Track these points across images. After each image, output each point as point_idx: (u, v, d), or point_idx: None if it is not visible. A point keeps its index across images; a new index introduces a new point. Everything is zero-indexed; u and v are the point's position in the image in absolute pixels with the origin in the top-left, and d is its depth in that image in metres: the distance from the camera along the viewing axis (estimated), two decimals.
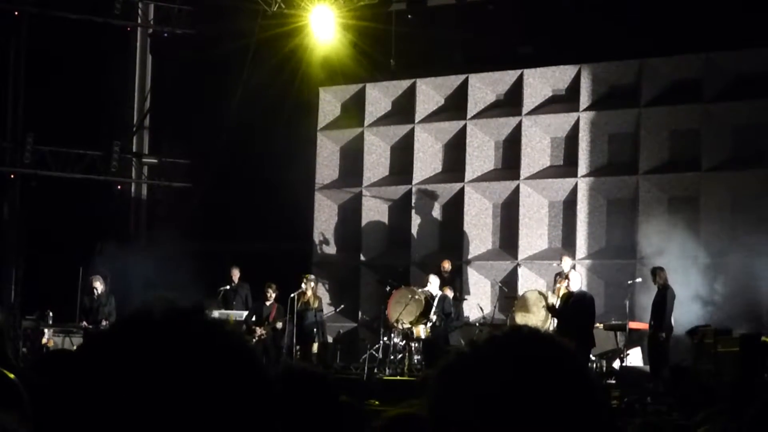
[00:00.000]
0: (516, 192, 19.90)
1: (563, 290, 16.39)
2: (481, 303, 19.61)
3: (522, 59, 20.06)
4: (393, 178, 21.41)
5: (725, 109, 18.29)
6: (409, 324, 17.55)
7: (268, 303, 18.30)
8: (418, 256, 20.68)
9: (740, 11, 17.55)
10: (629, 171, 18.98)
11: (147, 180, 23.96)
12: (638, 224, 18.31)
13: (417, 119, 21.03)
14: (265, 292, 18.30)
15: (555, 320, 16.63)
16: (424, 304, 17.75)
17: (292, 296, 17.82)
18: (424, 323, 17.48)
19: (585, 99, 19.49)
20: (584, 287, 17.06)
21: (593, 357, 16.40)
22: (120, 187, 23.69)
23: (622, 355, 16.53)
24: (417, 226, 20.91)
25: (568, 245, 19.29)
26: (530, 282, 19.28)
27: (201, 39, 22.63)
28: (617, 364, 16.62)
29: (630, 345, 16.89)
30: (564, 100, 19.89)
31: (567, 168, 19.70)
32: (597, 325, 16.60)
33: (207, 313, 1.40)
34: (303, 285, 18.07)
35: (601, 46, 19.00)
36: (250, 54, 21.38)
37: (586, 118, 19.45)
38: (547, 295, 17.12)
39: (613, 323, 17.11)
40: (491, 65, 20.29)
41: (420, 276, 19.49)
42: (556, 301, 16.52)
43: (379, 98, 21.66)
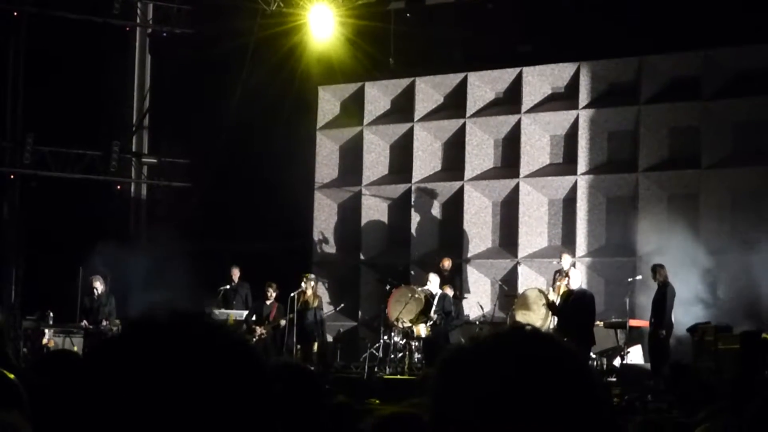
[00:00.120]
0: (515, 190, 19.90)
1: (563, 288, 16.40)
2: (481, 301, 19.61)
3: (521, 57, 20.05)
4: (392, 177, 21.40)
5: (725, 106, 18.28)
6: (410, 323, 17.55)
7: (269, 302, 18.30)
8: (418, 255, 20.67)
9: (739, 8, 17.54)
10: (629, 168, 18.97)
11: (146, 180, 23.96)
12: (638, 222, 18.29)
13: (416, 118, 21.02)
14: (266, 292, 18.30)
15: (555, 318, 16.63)
16: (424, 303, 17.74)
17: (292, 295, 17.82)
18: (425, 322, 17.47)
19: (584, 97, 19.49)
20: (584, 285, 17.06)
21: (593, 355, 16.40)
22: (119, 187, 23.68)
23: (623, 353, 16.53)
24: (417, 225, 20.91)
25: (568, 243, 19.28)
26: (530, 280, 19.28)
27: (200, 38, 22.62)
28: (618, 362, 16.61)
29: (630, 343, 16.89)
30: (563, 98, 19.88)
31: (566, 166, 19.69)
32: (597, 323, 16.60)
33: (210, 317, 1.44)
34: (303, 284, 18.06)
35: (601, 44, 18.99)
36: (249, 53, 21.36)
37: (586, 116, 19.44)
38: (547, 293, 17.12)
39: (614, 321, 17.10)
40: (490, 63, 20.28)
41: (420, 275, 19.49)
42: (556, 299, 16.52)
43: (379, 97, 21.65)
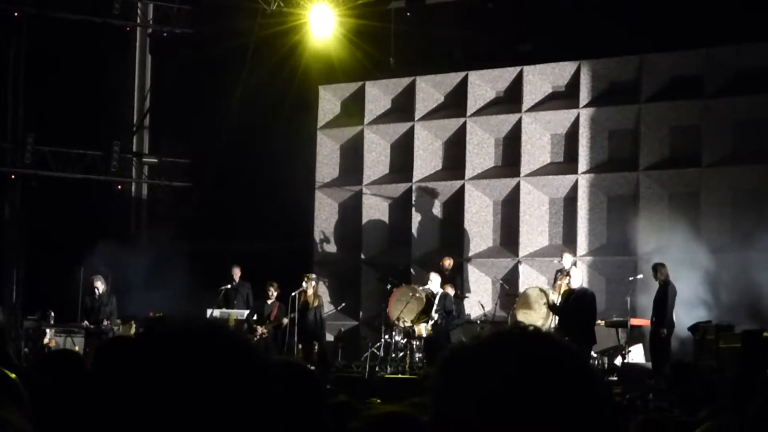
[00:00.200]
0: (516, 189, 19.89)
1: (564, 287, 16.39)
2: (482, 300, 19.60)
3: (521, 56, 20.04)
4: (393, 176, 21.40)
5: (725, 105, 18.27)
6: (411, 322, 17.54)
7: (270, 301, 18.31)
8: (419, 254, 20.67)
9: (740, 7, 17.53)
10: (629, 167, 18.96)
11: (147, 180, 23.96)
12: (639, 220, 18.28)
13: (417, 117, 21.02)
14: (267, 291, 18.30)
15: (556, 317, 16.62)
16: (425, 302, 17.74)
17: (293, 295, 17.83)
18: (426, 321, 17.47)
19: (585, 95, 19.48)
20: (585, 284, 17.04)
21: (594, 354, 16.39)
22: (120, 187, 23.69)
23: (624, 352, 16.51)
24: (417, 224, 20.90)
25: (569, 242, 19.28)
26: (531, 279, 19.27)
27: (200, 38, 22.62)
28: (619, 361, 16.60)
29: (631, 342, 16.87)
30: (564, 97, 19.87)
31: (567, 165, 19.68)
32: (598, 322, 16.59)
33: (212, 319, 1.53)
34: (304, 284, 18.06)
35: (601, 43, 18.98)
36: (250, 53, 21.36)
37: (586, 115, 19.44)
38: (549, 292, 17.11)
39: (615, 320, 17.08)
40: (491, 62, 20.28)
41: (421, 274, 19.49)
42: (557, 298, 16.51)
43: (379, 96, 21.65)
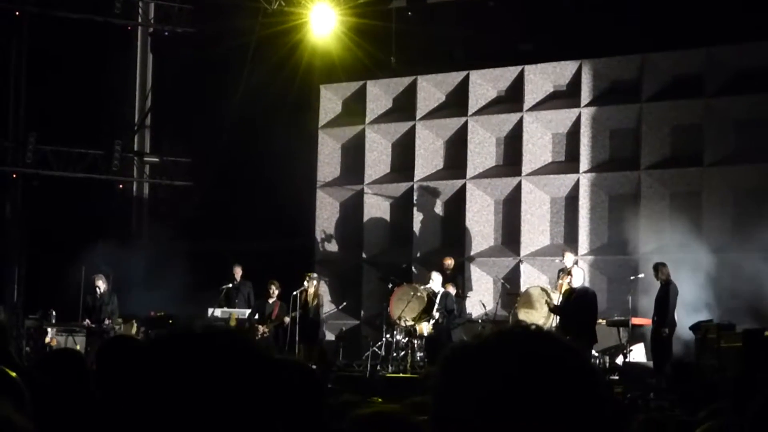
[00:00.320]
0: (518, 188, 19.89)
1: (565, 286, 16.38)
2: (484, 300, 19.60)
3: (523, 55, 20.03)
4: (394, 176, 21.40)
5: (727, 104, 18.26)
6: (412, 321, 17.54)
7: (271, 300, 18.31)
8: (420, 254, 20.67)
9: (741, 6, 17.53)
10: (631, 166, 18.95)
11: (148, 179, 23.97)
12: (640, 220, 18.28)
13: (418, 116, 21.01)
14: (268, 289, 18.31)
15: (557, 316, 16.61)
16: (427, 302, 17.74)
17: (295, 294, 17.84)
18: (427, 320, 17.47)
19: (586, 95, 19.47)
20: (587, 283, 17.03)
21: (596, 353, 16.37)
22: (121, 186, 23.70)
23: (625, 351, 16.51)
24: (419, 223, 20.90)
25: (570, 241, 19.27)
26: (533, 278, 19.27)
27: (201, 37, 22.62)
28: (620, 360, 16.59)
29: (633, 341, 16.86)
30: (565, 96, 19.86)
31: (568, 164, 19.67)
32: (599, 321, 16.58)
33: (234, 330, 1.63)
34: (305, 283, 18.07)
35: (602, 42, 18.98)
36: (251, 52, 21.36)
37: (588, 114, 19.43)
38: (550, 291, 17.10)
39: (616, 319, 17.07)
40: (492, 62, 20.27)
41: (422, 273, 19.49)
42: (558, 297, 16.50)
43: (380, 95, 21.65)
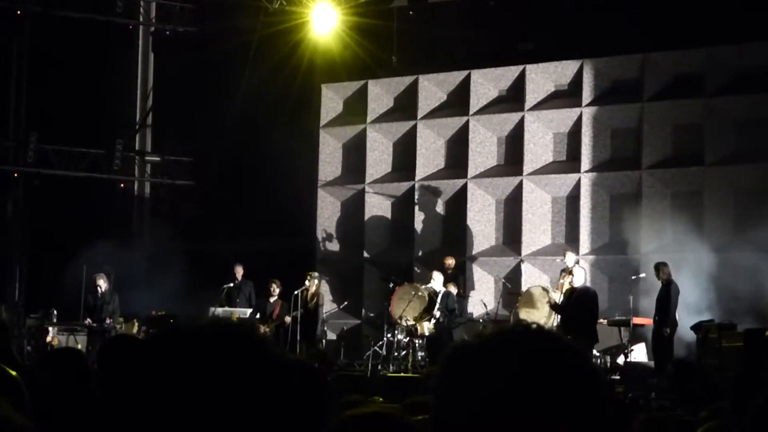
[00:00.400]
0: (519, 188, 19.88)
1: (566, 286, 16.38)
2: (485, 299, 19.60)
3: (524, 55, 20.04)
4: (396, 175, 21.40)
5: (727, 104, 18.26)
6: (413, 320, 17.54)
7: (272, 299, 18.33)
8: (421, 253, 20.67)
9: (741, 6, 17.53)
10: (632, 166, 18.95)
11: (150, 178, 23.97)
12: (641, 219, 18.28)
13: (419, 115, 21.01)
14: (269, 288, 18.32)
15: (558, 316, 16.61)
16: (428, 301, 17.74)
17: (296, 293, 17.84)
18: (428, 320, 17.47)
19: (587, 94, 19.47)
20: (588, 283, 17.03)
21: (597, 353, 16.38)
22: (123, 186, 23.70)
23: (626, 351, 16.51)
24: (420, 223, 20.90)
25: (572, 241, 19.27)
26: (534, 278, 19.27)
27: (203, 37, 22.61)
28: (621, 360, 16.59)
29: (634, 340, 16.86)
30: (566, 96, 19.87)
31: (570, 163, 19.67)
32: (600, 321, 16.59)
33: (234, 321, 1.59)
34: (307, 282, 18.08)
35: (603, 41, 18.98)
36: (252, 51, 21.36)
37: (589, 114, 19.43)
38: (550, 291, 17.10)
39: (617, 319, 17.07)
40: (493, 61, 20.28)
41: (423, 272, 19.49)
42: (560, 297, 16.50)
43: (382, 95, 21.65)
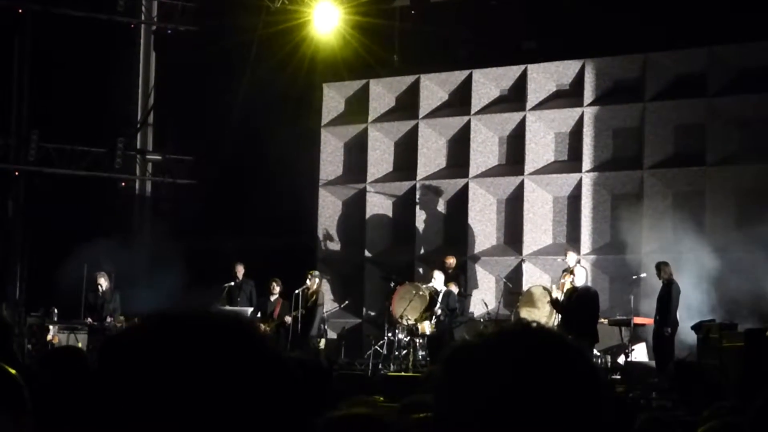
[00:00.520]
0: (520, 187, 19.88)
1: (568, 285, 16.38)
2: (486, 298, 19.59)
3: (526, 54, 20.04)
4: (397, 174, 21.40)
5: (729, 103, 18.26)
6: (414, 320, 17.54)
7: (273, 298, 18.33)
8: (423, 252, 20.67)
9: (744, 5, 17.52)
10: (634, 166, 18.95)
11: (151, 177, 23.96)
12: (643, 219, 18.27)
13: (421, 115, 21.01)
14: (270, 287, 18.33)
15: (559, 315, 16.61)
16: (429, 300, 17.74)
17: (297, 292, 17.84)
18: (429, 319, 17.47)
19: (589, 94, 19.46)
20: (589, 282, 17.04)
21: (598, 352, 16.38)
22: (124, 184, 23.70)
23: (627, 351, 16.51)
24: (421, 222, 20.90)
25: (573, 240, 19.27)
26: (535, 277, 19.27)
27: (204, 35, 22.60)
28: (622, 360, 16.60)
29: (635, 340, 16.87)
30: (568, 95, 19.86)
31: (571, 163, 19.67)
32: (601, 321, 16.59)
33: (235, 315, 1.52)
34: (308, 281, 18.08)
35: (605, 41, 18.98)
36: (254, 50, 21.37)
37: (591, 113, 19.42)
38: (552, 290, 17.10)
39: (618, 318, 17.08)
40: (495, 61, 20.27)
41: (424, 272, 19.50)
42: (561, 297, 16.50)
43: (383, 94, 21.65)
